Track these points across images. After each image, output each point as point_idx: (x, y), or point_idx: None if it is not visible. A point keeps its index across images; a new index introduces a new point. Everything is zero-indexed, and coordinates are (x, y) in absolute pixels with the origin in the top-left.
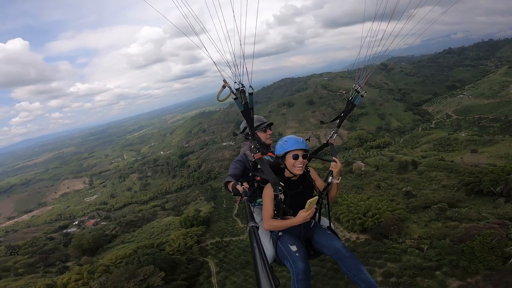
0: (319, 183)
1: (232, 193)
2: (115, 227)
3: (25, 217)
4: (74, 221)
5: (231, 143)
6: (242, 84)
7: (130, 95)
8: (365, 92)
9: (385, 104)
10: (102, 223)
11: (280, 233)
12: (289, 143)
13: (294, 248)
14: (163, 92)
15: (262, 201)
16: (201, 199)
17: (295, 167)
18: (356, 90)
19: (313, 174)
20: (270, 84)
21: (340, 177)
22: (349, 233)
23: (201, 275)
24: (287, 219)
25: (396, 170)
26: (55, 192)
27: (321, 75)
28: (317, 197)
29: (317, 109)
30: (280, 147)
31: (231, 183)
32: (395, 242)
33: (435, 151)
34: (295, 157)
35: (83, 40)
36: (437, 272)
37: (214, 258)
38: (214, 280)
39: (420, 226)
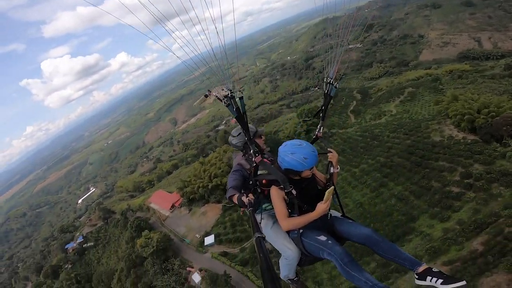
0: (319, 175)
1: (238, 205)
2: (249, 123)
3: (193, 120)
4: (223, 121)
5: (358, 45)
6: (230, 90)
7: (254, 11)
8: (337, 83)
9: None
10: None
11: (301, 230)
12: (310, 160)
13: (323, 237)
14: (284, 4)
15: (268, 206)
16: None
17: (310, 173)
18: (329, 83)
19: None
20: None
21: (339, 166)
22: (458, 132)
23: None
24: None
25: None
26: (210, 98)
27: None
28: (333, 187)
29: (479, 11)
30: (298, 164)
31: (236, 196)
32: (503, 146)
33: None
34: (311, 168)
35: None
36: None
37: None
38: None
39: None
